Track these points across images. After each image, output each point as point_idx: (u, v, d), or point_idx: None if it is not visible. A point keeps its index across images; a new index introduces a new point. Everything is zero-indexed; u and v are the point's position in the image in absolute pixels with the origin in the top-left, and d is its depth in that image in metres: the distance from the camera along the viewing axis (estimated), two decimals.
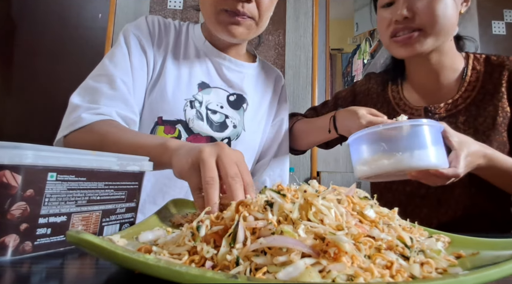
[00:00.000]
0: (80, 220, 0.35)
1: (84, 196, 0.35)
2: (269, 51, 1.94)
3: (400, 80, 0.84)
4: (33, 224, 0.30)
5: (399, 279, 0.23)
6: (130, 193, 0.41)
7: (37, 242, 0.31)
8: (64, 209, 0.33)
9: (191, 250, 0.27)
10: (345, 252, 0.22)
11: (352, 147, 0.60)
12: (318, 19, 2.02)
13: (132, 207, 0.42)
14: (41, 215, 0.30)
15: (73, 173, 0.33)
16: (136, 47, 0.72)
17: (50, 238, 0.32)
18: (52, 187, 0.31)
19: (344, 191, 0.35)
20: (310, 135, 0.86)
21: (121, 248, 0.20)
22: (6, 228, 0.28)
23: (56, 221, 0.32)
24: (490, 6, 2.07)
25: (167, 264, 0.19)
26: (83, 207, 0.35)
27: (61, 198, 0.32)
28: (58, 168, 0.31)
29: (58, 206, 0.32)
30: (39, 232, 0.30)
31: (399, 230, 0.31)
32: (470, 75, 0.75)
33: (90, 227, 0.36)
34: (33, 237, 0.30)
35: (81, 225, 0.35)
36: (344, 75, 2.10)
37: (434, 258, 0.28)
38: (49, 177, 0.31)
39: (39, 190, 0.30)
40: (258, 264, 0.23)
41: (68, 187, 0.33)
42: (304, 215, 0.28)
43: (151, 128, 0.70)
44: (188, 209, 0.51)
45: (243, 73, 0.82)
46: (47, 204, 0.31)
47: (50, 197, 0.31)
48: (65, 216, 0.33)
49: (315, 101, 1.95)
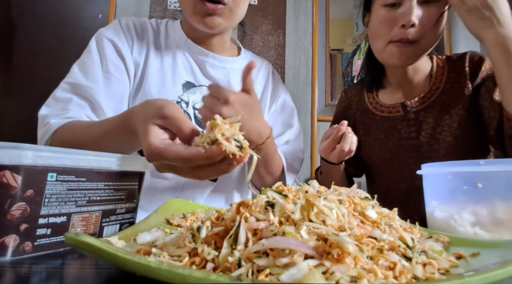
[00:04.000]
0: (80, 220, 0.34)
1: (84, 197, 0.35)
2: (269, 52, 1.94)
3: (375, 89, 0.90)
4: (33, 224, 0.30)
5: (403, 280, 0.23)
6: (130, 193, 0.41)
7: (37, 243, 0.30)
8: (64, 210, 0.33)
9: (192, 252, 0.27)
10: (348, 253, 0.22)
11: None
12: (318, 19, 2.02)
13: (132, 207, 0.42)
14: (41, 216, 0.30)
15: (73, 173, 0.33)
16: (111, 52, 0.69)
17: (50, 239, 0.32)
18: (52, 188, 0.31)
19: (345, 191, 0.35)
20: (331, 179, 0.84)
21: (122, 251, 0.20)
22: (6, 229, 0.28)
23: (56, 221, 0.32)
24: None
25: (169, 266, 0.18)
26: (83, 208, 0.35)
27: (61, 199, 0.32)
28: (58, 168, 0.32)
29: (58, 207, 0.32)
30: (39, 233, 0.30)
31: (401, 231, 0.30)
32: (436, 71, 0.82)
33: (90, 227, 0.36)
34: (33, 238, 0.30)
35: (81, 225, 0.35)
36: (344, 76, 2.09)
37: (436, 259, 0.28)
38: (49, 177, 0.31)
39: (39, 191, 0.30)
40: (260, 266, 0.23)
41: (68, 188, 0.33)
42: (305, 216, 0.28)
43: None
44: (186, 209, 0.51)
45: (227, 69, 0.80)
46: (47, 205, 0.31)
47: (50, 198, 0.31)
48: (65, 216, 0.33)
49: (315, 101, 1.95)
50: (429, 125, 0.77)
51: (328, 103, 2.04)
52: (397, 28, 0.72)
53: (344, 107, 0.97)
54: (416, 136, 0.78)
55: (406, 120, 0.80)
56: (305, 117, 1.93)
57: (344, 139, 0.70)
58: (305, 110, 1.93)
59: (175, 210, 0.49)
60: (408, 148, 0.79)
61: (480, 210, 0.41)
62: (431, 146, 0.76)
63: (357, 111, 0.92)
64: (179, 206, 0.51)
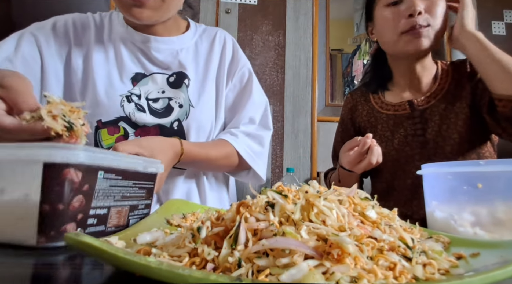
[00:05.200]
0: (115, 213, 0.39)
1: (119, 193, 0.39)
2: (269, 52, 1.94)
3: (380, 91, 0.93)
4: (86, 215, 0.34)
5: (403, 280, 0.23)
6: (148, 191, 0.46)
7: (87, 231, 0.35)
8: (106, 203, 0.37)
9: (192, 252, 0.27)
10: (348, 254, 0.22)
11: None
12: (318, 19, 2.02)
13: (148, 204, 0.47)
14: (92, 207, 0.35)
15: (114, 172, 0.38)
16: (29, 43, 0.65)
17: (95, 227, 0.36)
18: (100, 184, 0.36)
19: (345, 191, 0.35)
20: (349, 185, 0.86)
21: (122, 251, 0.20)
22: (68, 218, 0.32)
23: (100, 213, 0.37)
24: (490, 6, 2.07)
25: (169, 267, 0.18)
26: (118, 202, 0.40)
27: (105, 194, 0.37)
28: (105, 167, 0.36)
29: (103, 200, 0.37)
30: (89, 222, 0.35)
31: (401, 231, 0.30)
32: (441, 74, 0.87)
33: (121, 220, 0.41)
34: (84, 226, 0.34)
35: (116, 217, 0.40)
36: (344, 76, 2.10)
37: (436, 259, 0.28)
38: (99, 175, 0.35)
39: (92, 186, 0.35)
40: (260, 266, 0.23)
41: (110, 184, 0.37)
42: (305, 216, 0.28)
43: (93, 134, 0.67)
44: (186, 210, 0.51)
45: (175, 49, 0.76)
46: (96, 198, 0.36)
47: (98, 192, 0.36)
48: (106, 209, 0.37)
49: (315, 101, 1.95)
50: (435, 122, 0.80)
51: (328, 103, 2.04)
52: (404, 19, 0.76)
53: (350, 108, 0.98)
54: (422, 133, 0.81)
55: (412, 117, 0.83)
56: (305, 117, 1.93)
57: (372, 152, 0.72)
58: (305, 110, 1.93)
59: (175, 210, 0.49)
60: (414, 145, 0.81)
61: (480, 210, 0.41)
62: (436, 143, 0.79)
63: (363, 111, 0.94)
64: (179, 206, 0.51)
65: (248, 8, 1.95)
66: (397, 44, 0.79)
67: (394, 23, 0.77)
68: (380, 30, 0.83)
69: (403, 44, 0.78)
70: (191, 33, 0.81)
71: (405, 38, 0.77)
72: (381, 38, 0.84)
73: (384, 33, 0.82)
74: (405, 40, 0.77)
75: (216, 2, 1.93)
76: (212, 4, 1.93)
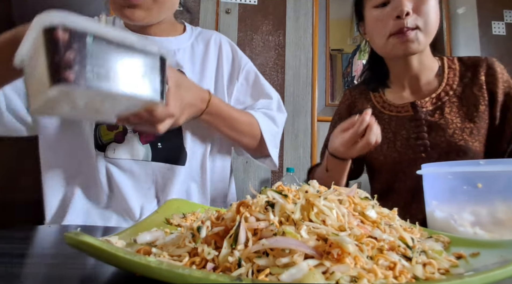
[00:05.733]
0: (117, 76, 0.42)
1: (115, 61, 0.42)
2: (269, 52, 1.94)
3: (381, 89, 0.88)
4: (82, 67, 0.39)
5: (403, 280, 0.23)
6: (153, 70, 0.48)
7: (88, 82, 0.39)
8: (104, 64, 0.41)
9: (192, 252, 0.27)
10: (348, 253, 0.22)
11: None
12: (318, 19, 2.02)
13: (160, 80, 0.48)
14: (88, 64, 0.39)
15: (104, 40, 0.41)
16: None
17: (96, 82, 0.40)
18: (92, 46, 0.40)
19: (345, 191, 0.35)
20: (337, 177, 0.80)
21: (122, 250, 0.20)
22: (66, 66, 0.37)
23: (98, 71, 0.40)
24: (490, 6, 2.07)
25: (169, 266, 0.18)
26: (118, 67, 0.42)
27: (99, 56, 0.40)
28: (94, 33, 0.40)
29: (97, 60, 0.40)
30: (88, 76, 0.39)
31: (401, 231, 0.30)
32: (448, 73, 0.80)
33: (124, 84, 0.43)
34: (84, 79, 0.39)
35: (119, 81, 0.42)
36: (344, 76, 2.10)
37: (436, 259, 0.28)
38: (88, 37, 0.39)
39: (83, 44, 0.39)
40: (260, 266, 0.23)
41: (102, 50, 0.41)
42: (305, 216, 0.28)
43: (94, 129, 0.69)
44: (186, 209, 0.51)
45: (172, 49, 0.76)
46: (91, 57, 0.40)
47: (92, 53, 0.40)
48: (104, 69, 0.41)
49: (315, 101, 1.95)
50: (440, 127, 0.75)
51: (328, 103, 2.04)
52: (392, 21, 0.72)
53: (348, 105, 0.94)
54: (426, 137, 0.77)
55: (415, 120, 0.79)
56: (305, 117, 1.93)
57: (371, 130, 0.65)
58: (305, 110, 1.93)
59: (175, 210, 0.49)
60: (417, 148, 0.78)
61: (480, 210, 0.41)
62: (441, 148, 0.75)
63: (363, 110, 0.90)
64: (179, 206, 0.51)
65: (248, 8, 1.95)
66: (386, 47, 0.76)
67: (382, 25, 0.74)
68: (369, 32, 0.81)
69: (391, 47, 0.75)
70: (187, 35, 0.82)
71: (392, 41, 0.74)
72: (371, 40, 0.82)
73: (373, 36, 0.79)
74: (393, 43, 0.74)
75: (216, 2, 1.93)
76: (212, 4, 1.93)
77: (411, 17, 0.71)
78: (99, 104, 0.46)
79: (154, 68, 0.47)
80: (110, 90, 0.42)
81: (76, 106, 0.46)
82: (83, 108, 0.47)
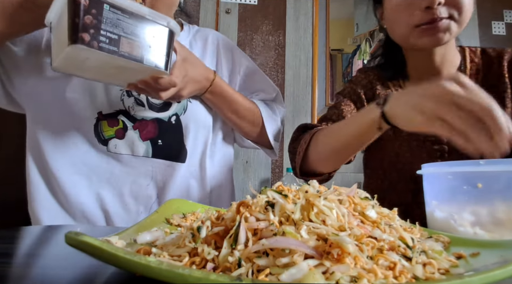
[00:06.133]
0: (127, 43, 0.47)
1: (128, 28, 0.47)
2: (269, 52, 1.94)
3: (400, 79, 0.78)
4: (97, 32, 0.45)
5: (403, 280, 0.23)
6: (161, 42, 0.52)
7: (101, 45, 0.45)
8: (116, 31, 0.46)
9: (192, 252, 0.27)
10: (348, 253, 0.22)
11: None
12: (318, 19, 2.02)
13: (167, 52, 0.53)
14: (102, 29, 0.45)
15: (120, 10, 0.46)
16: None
17: (108, 46, 0.45)
18: (107, 14, 0.45)
19: (345, 191, 0.35)
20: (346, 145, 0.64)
21: (122, 250, 0.20)
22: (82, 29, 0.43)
23: (111, 37, 0.46)
24: (490, 6, 2.07)
25: (169, 266, 0.18)
26: (128, 35, 0.47)
27: (113, 23, 0.46)
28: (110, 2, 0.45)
29: (111, 27, 0.46)
30: (101, 39, 0.45)
31: (401, 231, 0.30)
32: (470, 68, 0.71)
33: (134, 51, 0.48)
34: (98, 41, 0.44)
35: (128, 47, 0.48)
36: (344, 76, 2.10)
37: (436, 259, 0.28)
38: (105, 7, 0.45)
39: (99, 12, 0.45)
40: (260, 266, 0.23)
41: (117, 18, 0.46)
42: (305, 216, 0.28)
43: (94, 124, 0.69)
44: (186, 209, 0.51)
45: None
46: (105, 23, 0.45)
47: (106, 20, 0.45)
48: (116, 35, 0.46)
49: (315, 101, 1.95)
50: None
51: (328, 103, 2.04)
52: (419, 11, 0.62)
53: (365, 85, 0.80)
54: (445, 142, 0.69)
55: None
56: (305, 117, 1.93)
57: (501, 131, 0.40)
58: (305, 110, 1.93)
59: (175, 210, 0.49)
60: (434, 153, 0.69)
61: (480, 210, 0.41)
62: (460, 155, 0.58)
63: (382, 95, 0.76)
64: (179, 206, 0.51)
65: (248, 8, 1.95)
66: (409, 38, 0.66)
67: (407, 14, 0.64)
68: (389, 19, 0.70)
69: (416, 39, 0.65)
70: (185, 33, 0.83)
71: (419, 32, 0.64)
72: (390, 28, 0.72)
73: (394, 24, 0.69)
74: (420, 34, 0.64)
75: (216, 2, 1.93)
76: (212, 4, 1.93)
77: (443, 5, 0.61)
78: (110, 69, 0.51)
79: (162, 40, 0.52)
80: (119, 55, 0.46)
81: (91, 68, 0.50)
82: (96, 71, 0.52)
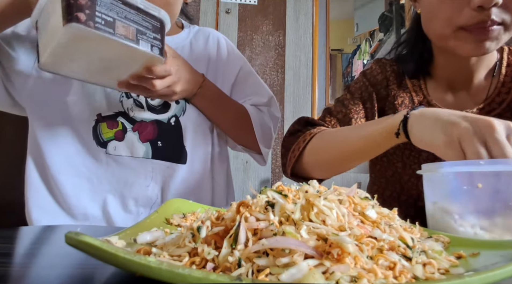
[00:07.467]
0: (122, 27, 0.48)
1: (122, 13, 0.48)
2: (269, 52, 1.94)
3: (422, 77, 0.68)
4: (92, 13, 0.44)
5: (403, 280, 0.23)
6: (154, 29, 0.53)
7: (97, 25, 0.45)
8: (111, 14, 0.47)
9: (192, 252, 0.27)
10: (348, 253, 0.22)
11: None
12: (318, 19, 2.02)
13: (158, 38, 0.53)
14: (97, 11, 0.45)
15: None
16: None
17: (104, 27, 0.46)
18: None
19: (345, 191, 0.35)
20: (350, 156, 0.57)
21: (122, 250, 0.20)
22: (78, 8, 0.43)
23: (106, 19, 0.46)
24: None
25: (169, 266, 0.18)
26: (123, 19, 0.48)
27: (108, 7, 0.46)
28: None
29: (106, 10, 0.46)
30: (97, 20, 0.45)
31: (401, 231, 0.30)
32: (504, 74, 0.61)
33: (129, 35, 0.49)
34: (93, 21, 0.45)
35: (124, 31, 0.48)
36: (344, 76, 2.10)
37: (436, 259, 0.28)
38: None
39: None
40: (260, 266, 0.23)
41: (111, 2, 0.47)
42: (305, 216, 0.28)
43: (93, 126, 0.69)
44: (186, 209, 0.51)
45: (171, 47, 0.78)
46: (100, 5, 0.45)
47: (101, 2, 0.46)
48: (111, 18, 0.46)
49: (315, 101, 1.95)
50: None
51: (328, 103, 2.05)
52: (469, 10, 0.52)
53: (379, 82, 0.71)
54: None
55: None
56: None
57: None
58: (305, 110, 1.93)
59: (175, 210, 0.49)
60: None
61: (480, 210, 0.41)
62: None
63: (398, 97, 0.68)
64: (179, 206, 0.51)
65: (248, 8, 1.95)
66: (449, 40, 0.56)
67: (451, 11, 0.54)
68: (427, 12, 0.60)
69: (457, 43, 0.55)
70: (185, 33, 0.83)
71: (463, 36, 0.54)
72: (427, 22, 0.61)
73: (434, 20, 0.58)
74: (463, 38, 0.54)
75: (216, 2, 1.93)
76: (212, 4, 1.93)
77: (500, 8, 0.52)
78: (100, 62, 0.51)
79: (155, 28, 0.52)
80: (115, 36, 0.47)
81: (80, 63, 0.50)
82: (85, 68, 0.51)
